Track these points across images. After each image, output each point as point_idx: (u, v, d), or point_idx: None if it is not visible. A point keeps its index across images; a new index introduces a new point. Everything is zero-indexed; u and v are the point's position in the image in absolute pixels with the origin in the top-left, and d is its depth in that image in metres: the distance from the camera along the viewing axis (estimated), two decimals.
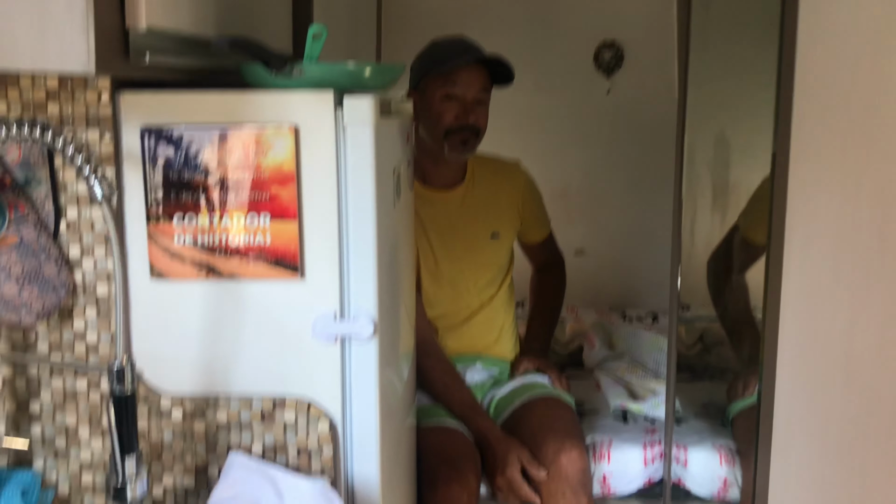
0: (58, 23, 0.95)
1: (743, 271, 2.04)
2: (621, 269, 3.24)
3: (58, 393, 1.31)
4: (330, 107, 1.22)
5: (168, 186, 1.24)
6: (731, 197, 1.97)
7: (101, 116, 1.23)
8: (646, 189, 3.17)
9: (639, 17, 3.14)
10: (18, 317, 1.26)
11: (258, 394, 1.30)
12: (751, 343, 2.03)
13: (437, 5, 3.13)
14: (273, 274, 1.26)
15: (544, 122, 3.19)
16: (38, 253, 1.26)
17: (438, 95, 2.01)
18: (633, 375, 2.33)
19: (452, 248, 2.12)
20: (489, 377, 2.17)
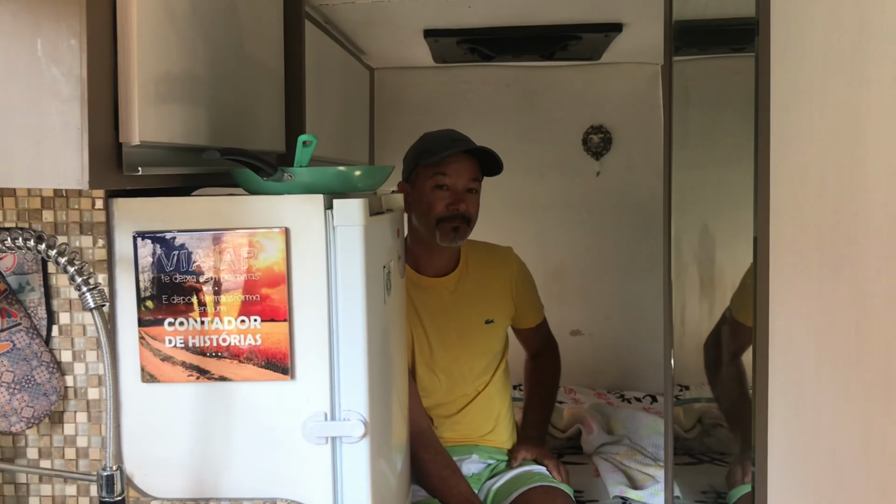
0: (53, 142, 0.98)
1: (738, 355, 2.03)
2: (618, 349, 3.24)
3: (46, 500, 1.30)
4: (320, 210, 1.24)
5: (160, 290, 1.26)
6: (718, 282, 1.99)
7: (95, 223, 1.25)
8: (638, 269, 3.20)
9: (625, 101, 3.22)
10: (9, 424, 1.26)
11: (249, 496, 1.29)
12: (748, 427, 2.01)
13: (429, 98, 3.22)
14: (263, 376, 1.26)
15: (536, 205, 3.24)
16: (30, 359, 1.26)
17: (429, 185, 2.05)
18: (633, 461, 2.30)
19: (447, 335, 2.13)
20: (486, 467, 2.15)
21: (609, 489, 2.16)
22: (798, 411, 1.10)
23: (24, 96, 0.99)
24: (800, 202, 1.10)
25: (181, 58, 1.22)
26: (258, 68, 1.63)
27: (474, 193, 2.08)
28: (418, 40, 2.65)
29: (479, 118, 3.11)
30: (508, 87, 3.23)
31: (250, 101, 1.59)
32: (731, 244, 2.00)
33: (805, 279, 1.06)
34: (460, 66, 3.16)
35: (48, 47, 0.98)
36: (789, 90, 1.17)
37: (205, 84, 1.32)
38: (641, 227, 3.18)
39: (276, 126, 1.75)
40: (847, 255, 0.91)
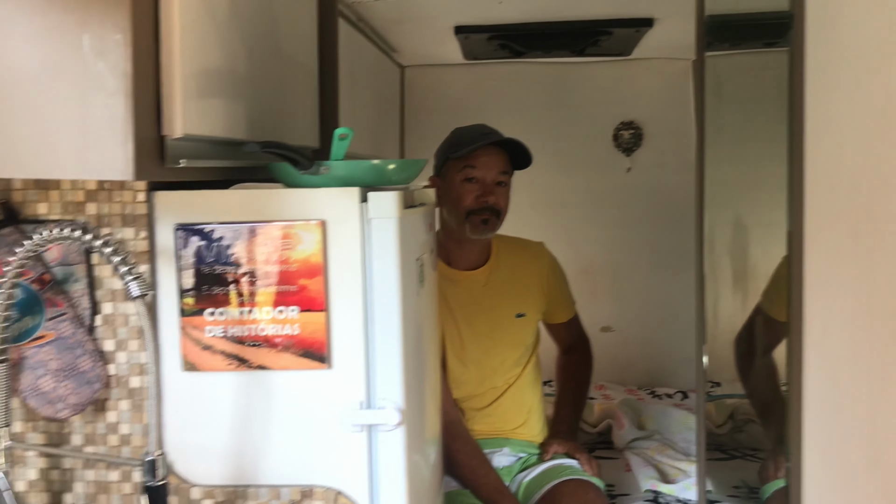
0: (99, 135, 1.01)
1: (769, 350, 2.03)
2: (648, 345, 3.23)
3: (90, 485, 1.34)
4: (356, 202, 1.27)
5: (200, 281, 1.28)
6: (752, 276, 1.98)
7: (137, 215, 1.28)
8: (669, 265, 3.19)
9: (656, 97, 3.21)
10: (55, 410, 1.30)
11: (286, 483, 1.31)
12: (781, 423, 2.00)
13: (459, 95, 3.23)
14: (301, 365, 1.29)
15: (566, 201, 3.24)
16: (75, 347, 1.30)
17: (459, 178, 2.06)
18: (664, 456, 2.30)
19: (478, 328, 2.14)
20: (517, 461, 2.16)
21: (640, 483, 2.16)
22: (834, 403, 1.10)
23: (71, 90, 1.02)
24: (835, 194, 1.10)
25: (221, 53, 1.25)
26: (293, 65, 1.65)
27: (504, 186, 2.09)
28: (449, 37, 2.67)
29: (509, 115, 3.11)
30: (539, 84, 3.23)
31: (286, 96, 1.61)
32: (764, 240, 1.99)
33: (841, 271, 1.06)
34: (490, 63, 3.17)
35: (95, 42, 1.01)
36: (824, 83, 1.17)
37: (243, 79, 1.35)
38: (672, 223, 3.17)
39: (310, 122, 1.77)
40: (884, 246, 0.91)
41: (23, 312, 1.28)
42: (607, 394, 2.95)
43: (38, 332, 1.29)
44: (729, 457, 2.41)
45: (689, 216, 2.95)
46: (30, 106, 1.03)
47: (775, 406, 2.08)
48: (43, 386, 1.29)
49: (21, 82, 1.03)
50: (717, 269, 1.90)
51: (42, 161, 1.03)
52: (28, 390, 1.29)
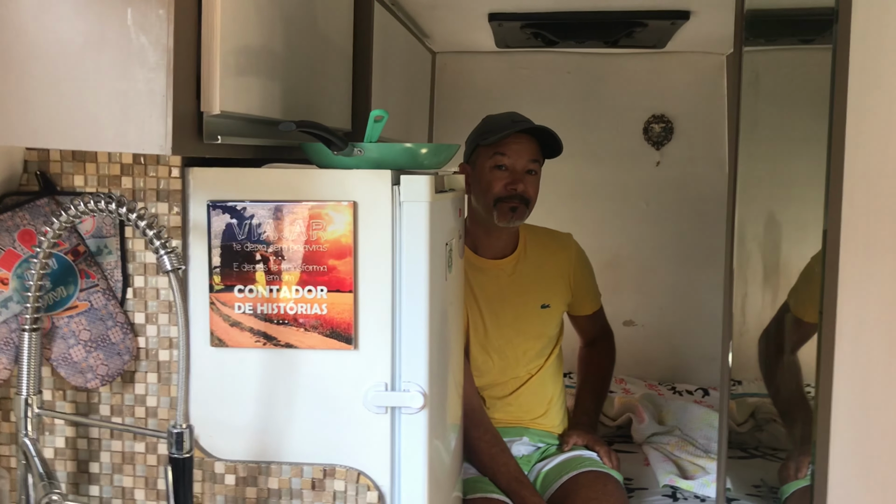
0: (139, 109, 1.02)
1: (795, 350, 2.01)
2: (670, 341, 3.22)
3: (116, 455, 1.36)
4: (387, 185, 1.27)
5: (231, 258, 1.30)
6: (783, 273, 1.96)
7: (171, 190, 1.30)
8: (695, 261, 3.16)
9: (689, 91, 3.18)
10: (84, 380, 1.32)
11: (309, 462, 1.32)
12: (803, 423, 1.99)
13: (489, 83, 3.22)
14: (327, 345, 1.29)
15: (595, 193, 3.22)
16: (106, 319, 1.32)
17: (488, 166, 2.06)
18: (683, 452, 2.29)
19: (502, 317, 2.14)
20: (536, 450, 2.16)
21: (659, 478, 2.15)
22: (864, 403, 1.09)
23: (113, 63, 1.03)
24: (874, 193, 1.08)
25: (260, 32, 1.26)
26: (329, 47, 1.65)
27: (534, 175, 2.08)
28: (482, 24, 2.65)
29: (540, 104, 3.10)
30: (570, 74, 3.21)
31: (320, 78, 1.62)
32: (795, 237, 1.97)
33: (877, 271, 1.05)
34: (522, 52, 3.15)
35: (138, 16, 1.02)
36: (867, 80, 1.15)
37: (280, 59, 1.36)
38: (700, 219, 3.15)
39: (343, 104, 1.78)
40: None
41: (56, 282, 1.30)
42: (627, 388, 2.94)
43: (71, 302, 1.31)
44: (749, 455, 2.39)
45: (717, 212, 2.94)
46: (72, 78, 1.04)
47: (798, 406, 2.06)
48: (74, 355, 1.31)
49: (65, 54, 1.04)
50: (745, 265, 1.89)
51: (82, 133, 1.05)
52: (59, 359, 1.31)
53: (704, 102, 3.17)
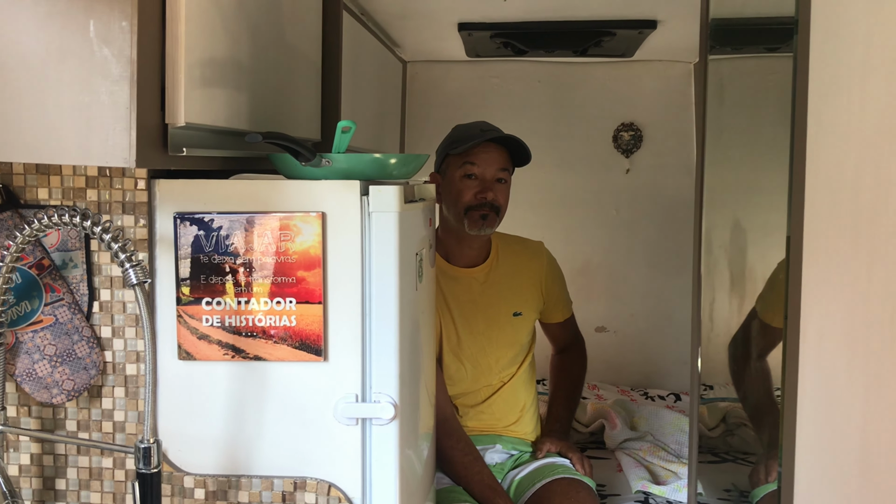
0: (102, 121, 1.01)
1: (763, 355, 2.03)
2: (642, 347, 3.24)
3: (84, 471, 1.34)
4: (356, 195, 1.27)
5: (198, 270, 1.29)
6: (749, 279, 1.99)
7: (137, 203, 1.29)
8: (665, 267, 3.19)
9: (657, 99, 3.22)
10: (50, 395, 1.30)
11: (279, 475, 1.31)
12: (772, 427, 2.01)
13: (460, 92, 3.23)
14: (297, 357, 1.29)
15: (565, 201, 3.24)
16: (72, 333, 1.30)
17: (458, 175, 2.07)
18: (655, 457, 2.31)
19: (474, 325, 2.14)
20: (509, 458, 2.16)
21: (631, 484, 2.17)
22: (828, 408, 1.10)
23: (75, 75, 1.02)
24: (835, 198, 1.10)
25: (226, 43, 1.25)
26: (297, 57, 1.65)
27: (503, 183, 2.09)
28: (452, 33, 2.67)
29: (510, 113, 3.12)
30: (540, 83, 3.24)
31: (289, 88, 1.61)
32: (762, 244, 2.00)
33: (839, 275, 1.06)
34: (492, 61, 3.17)
35: (100, 28, 1.01)
36: (827, 87, 1.17)
37: (247, 70, 1.35)
38: (670, 225, 3.18)
39: (312, 114, 1.77)
40: (883, 250, 0.91)
41: (20, 297, 1.28)
42: (600, 394, 2.96)
43: (36, 316, 1.29)
44: (720, 460, 2.41)
45: (687, 219, 2.97)
46: (34, 90, 1.03)
47: (768, 411, 2.08)
48: (39, 371, 1.29)
49: (26, 67, 1.03)
50: (713, 271, 1.91)
51: (45, 146, 1.03)
52: (23, 375, 1.29)
53: (673, 110, 3.20)
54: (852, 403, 1.01)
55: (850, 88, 1.06)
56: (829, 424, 1.10)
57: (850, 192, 1.03)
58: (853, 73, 1.06)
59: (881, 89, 0.96)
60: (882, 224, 0.91)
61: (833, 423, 1.07)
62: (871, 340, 0.94)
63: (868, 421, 0.95)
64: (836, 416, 1.06)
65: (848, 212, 1.03)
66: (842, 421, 1.03)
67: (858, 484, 0.98)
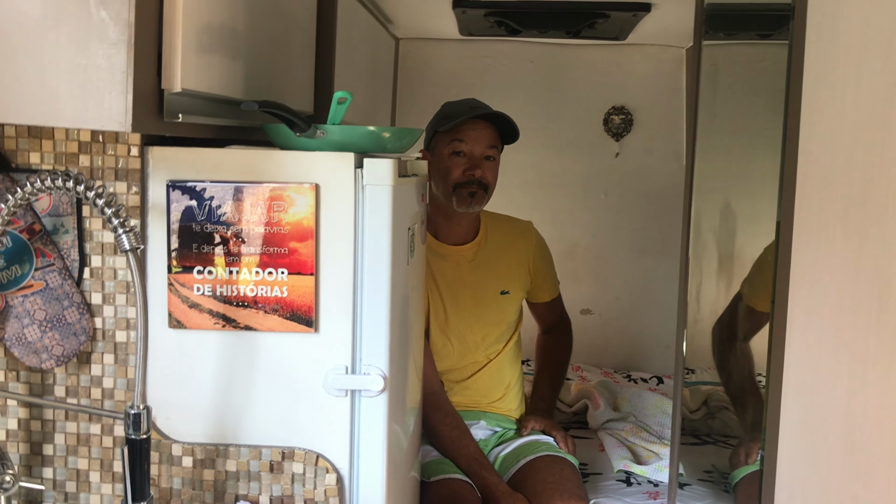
0: (99, 85, 1.01)
1: (747, 339, 2.06)
2: (626, 329, 3.27)
3: (71, 437, 1.34)
4: (350, 168, 1.27)
5: (190, 239, 1.28)
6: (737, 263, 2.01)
7: (130, 169, 1.28)
8: (652, 251, 3.21)
9: (648, 84, 3.22)
10: (39, 360, 1.29)
11: (268, 444, 1.32)
12: (754, 410, 2.04)
13: (452, 71, 3.22)
14: (287, 327, 1.29)
15: (554, 183, 3.25)
16: (62, 299, 1.30)
17: (447, 152, 2.07)
18: (637, 438, 2.33)
19: (462, 302, 2.15)
20: (493, 434, 2.18)
21: (613, 463, 2.19)
22: (813, 388, 1.12)
23: (72, 37, 1.01)
24: (827, 183, 1.12)
25: (223, 10, 1.24)
26: (292, 28, 1.64)
27: (492, 161, 2.10)
28: (446, 11, 2.65)
29: (502, 93, 3.11)
30: (532, 64, 3.23)
31: (283, 59, 1.60)
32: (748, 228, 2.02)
33: (828, 257, 1.08)
34: (485, 40, 3.16)
35: None
36: (821, 73, 1.18)
37: (243, 38, 1.34)
38: (657, 210, 3.20)
39: (305, 86, 1.77)
40: (873, 231, 0.93)
41: (10, 261, 1.27)
42: (584, 375, 2.98)
43: (26, 281, 1.28)
44: (701, 442, 2.45)
45: (674, 204, 2.98)
46: (30, 52, 1.02)
47: (749, 393, 2.12)
48: (28, 335, 1.29)
49: (22, 28, 1.01)
50: (701, 255, 1.93)
51: (40, 108, 1.03)
52: (12, 339, 1.29)
53: (664, 95, 3.21)
54: (837, 384, 1.03)
55: (846, 75, 1.07)
56: (814, 404, 1.12)
57: (841, 177, 1.05)
58: (848, 60, 1.07)
59: (876, 76, 0.98)
60: (873, 206, 0.93)
61: (817, 403, 1.09)
62: (858, 320, 0.96)
63: (853, 401, 0.97)
64: (820, 397, 1.08)
65: (839, 196, 1.04)
66: (826, 401, 1.05)
67: (841, 463, 1.00)
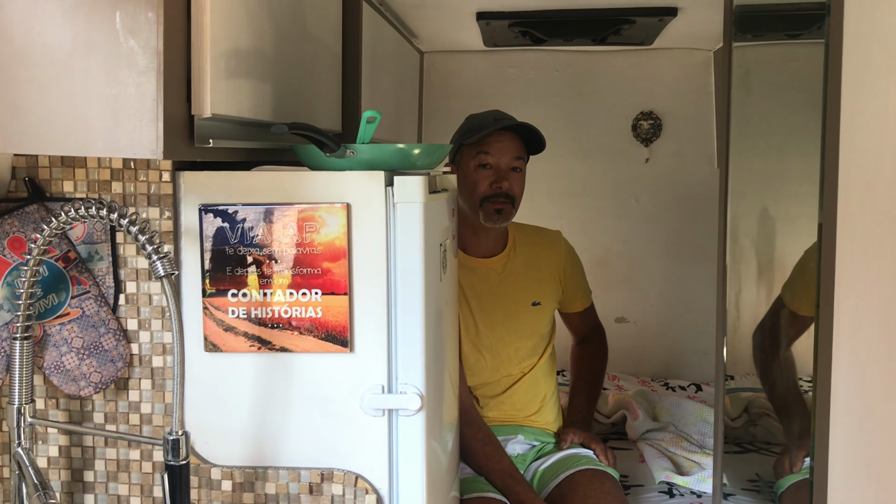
0: (130, 113, 1.01)
1: (790, 344, 2.02)
2: (662, 337, 3.23)
3: (111, 463, 1.34)
4: (381, 186, 1.26)
5: (224, 262, 1.28)
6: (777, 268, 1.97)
7: (162, 195, 1.28)
8: (685, 257, 3.17)
9: (676, 87, 3.19)
10: (78, 388, 1.30)
11: (306, 466, 1.31)
12: (799, 418, 1.99)
13: (477, 82, 3.21)
14: (323, 348, 1.28)
15: (584, 190, 3.23)
16: (99, 326, 1.30)
17: (473, 165, 2.06)
18: (678, 447, 2.29)
19: (493, 316, 2.13)
20: (531, 449, 2.16)
21: (655, 474, 2.16)
22: (864, 398, 1.09)
23: (102, 67, 1.02)
24: (872, 184, 1.08)
25: (250, 34, 1.24)
26: (318, 48, 1.64)
27: (518, 172, 2.08)
28: (470, 23, 2.65)
29: (528, 102, 3.10)
30: (558, 72, 3.22)
31: (310, 79, 1.60)
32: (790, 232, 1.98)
33: (877, 262, 1.05)
34: (510, 50, 3.15)
35: (126, 20, 1.01)
36: (862, 72, 1.15)
37: (270, 61, 1.34)
38: (690, 214, 3.16)
39: (332, 105, 1.77)
40: None
41: (47, 290, 1.28)
42: (621, 385, 2.95)
43: (63, 309, 1.29)
44: (743, 450, 2.40)
45: (706, 207, 2.94)
46: (61, 83, 1.02)
47: (794, 401, 2.07)
48: (66, 363, 1.29)
49: (53, 60, 1.02)
50: (739, 261, 1.89)
51: (73, 138, 1.03)
52: (51, 367, 1.30)
53: (692, 98, 3.18)
54: (891, 395, 0.99)
55: (889, 72, 1.04)
56: (867, 413, 1.08)
57: (889, 177, 1.01)
58: (890, 58, 1.04)
59: None
60: None
61: (871, 412, 1.06)
62: None
63: None
64: (873, 407, 1.04)
65: (886, 197, 1.01)
66: (880, 411, 1.02)
67: None
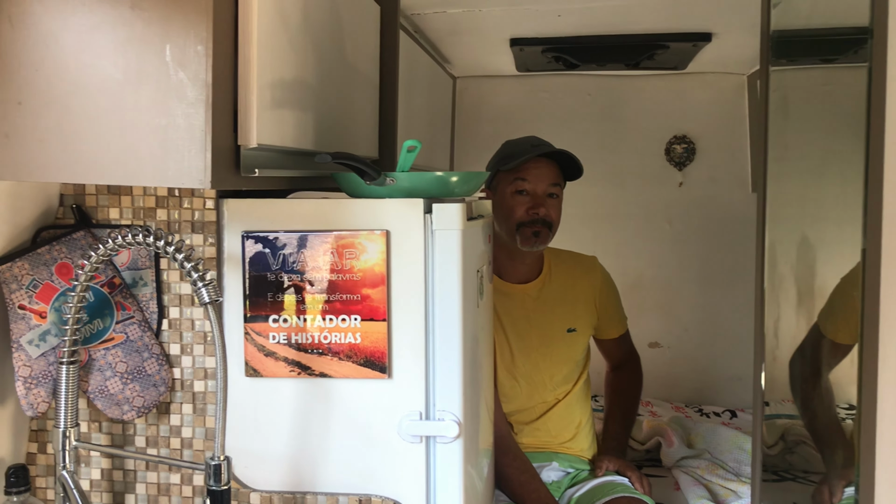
0: (178, 144, 1.03)
1: (829, 371, 1.99)
2: (696, 362, 3.19)
3: (152, 487, 1.36)
4: (420, 213, 1.27)
5: (265, 288, 1.30)
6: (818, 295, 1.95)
7: (206, 222, 1.31)
8: (719, 282, 3.15)
9: (710, 111, 3.18)
10: (121, 412, 1.32)
11: (344, 491, 1.32)
12: (837, 447, 1.96)
13: (510, 107, 3.23)
14: (361, 374, 1.29)
15: (617, 215, 3.22)
16: (142, 350, 1.32)
17: (510, 191, 2.06)
18: (714, 475, 2.26)
19: (528, 342, 2.13)
20: (566, 476, 2.14)
21: (690, 502, 2.13)
22: None
23: (152, 99, 1.04)
24: None
25: (293, 64, 1.27)
26: (357, 76, 1.67)
27: (555, 198, 2.09)
28: (503, 49, 2.67)
29: (560, 127, 3.11)
30: (590, 96, 3.22)
31: (349, 107, 1.63)
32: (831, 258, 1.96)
33: None
34: (542, 75, 3.17)
35: (176, 53, 1.03)
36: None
37: (312, 90, 1.37)
38: (724, 239, 3.13)
39: (370, 132, 1.79)
40: None
41: (93, 315, 1.31)
42: (654, 411, 2.92)
43: (108, 334, 1.31)
44: (780, 478, 2.36)
45: (740, 232, 2.92)
46: (113, 114, 1.05)
47: (833, 429, 2.03)
48: (110, 387, 1.32)
49: (104, 90, 1.05)
50: (777, 287, 1.87)
51: (122, 168, 1.06)
52: (95, 391, 1.32)
53: (726, 122, 3.17)
54: None
55: None
56: None
57: None
58: None
59: None
60: None
61: None
62: None
63: None
64: None
65: None
66: None
67: None
